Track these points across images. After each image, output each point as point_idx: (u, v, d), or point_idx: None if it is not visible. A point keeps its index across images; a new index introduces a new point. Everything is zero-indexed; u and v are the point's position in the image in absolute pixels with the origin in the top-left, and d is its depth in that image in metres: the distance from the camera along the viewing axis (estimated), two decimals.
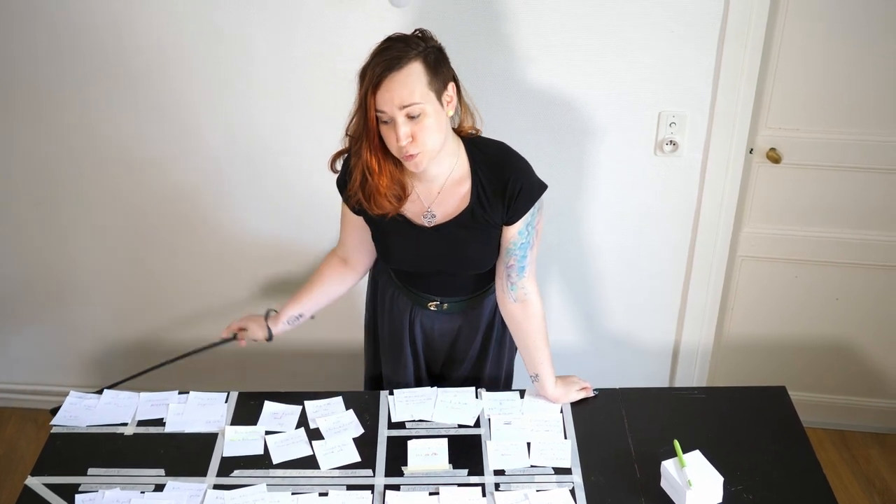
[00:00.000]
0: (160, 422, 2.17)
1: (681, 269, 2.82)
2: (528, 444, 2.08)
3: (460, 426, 2.14)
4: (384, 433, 2.12)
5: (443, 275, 2.15)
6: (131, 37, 2.54)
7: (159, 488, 1.99)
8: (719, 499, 1.92)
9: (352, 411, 2.18)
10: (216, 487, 1.99)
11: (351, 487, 1.99)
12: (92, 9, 2.50)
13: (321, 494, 1.97)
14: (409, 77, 1.81)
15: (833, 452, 3.07)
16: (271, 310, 2.29)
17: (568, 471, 2.02)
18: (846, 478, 2.98)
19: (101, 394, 2.24)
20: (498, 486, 1.98)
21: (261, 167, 2.73)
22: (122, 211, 2.88)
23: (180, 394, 2.24)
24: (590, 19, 2.41)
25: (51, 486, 2.00)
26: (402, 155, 1.89)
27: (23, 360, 3.25)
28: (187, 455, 2.08)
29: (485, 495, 1.96)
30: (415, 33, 1.89)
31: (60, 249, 2.97)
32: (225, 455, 2.07)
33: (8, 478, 3.04)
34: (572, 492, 1.96)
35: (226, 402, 2.22)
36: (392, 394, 2.23)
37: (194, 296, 3.04)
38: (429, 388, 2.23)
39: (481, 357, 2.31)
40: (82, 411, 2.20)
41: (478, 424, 2.14)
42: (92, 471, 2.04)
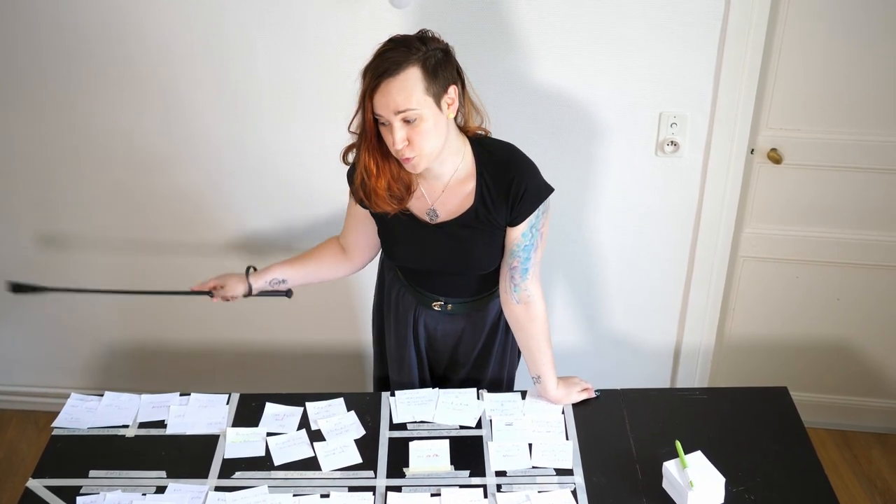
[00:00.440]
0: (161, 424, 2.17)
1: (682, 269, 2.82)
2: (530, 445, 2.08)
3: (462, 427, 2.14)
4: (385, 434, 2.12)
5: (447, 275, 2.14)
6: (135, 38, 2.53)
7: (160, 490, 1.99)
8: (721, 499, 1.92)
9: (353, 413, 2.18)
10: (217, 489, 1.99)
11: (352, 489, 1.98)
12: (96, 9, 2.50)
13: (323, 496, 1.97)
14: (406, 83, 1.80)
15: (834, 453, 3.07)
16: (251, 267, 2.24)
17: (569, 472, 2.02)
18: (847, 478, 2.98)
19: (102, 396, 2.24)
20: (499, 487, 1.98)
21: (263, 168, 2.73)
22: (123, 212, 2.87)
23: (181, 396, 2.23)
24: (590, 20, 2.41)
25: (52, 489, 2.00)
26: (399, 158, 1.90)
27: (23, 363, 3.25)
28: (188, 457, 2.08)
29: (486, 496, 1.96)
30: (417, 35, 1.88)
31: (62, 250, 2.97)
32: (226, 457, 2.07)
33: (9, 480, 3.04)
34: (574, 493, 1.96)
35: (227, 403, 2.22)
36: (393, 395, 2.23)
37: (197, 299, 3.03)
38: (430, 390, 2.23)
39: (484, 360, 2.31)
40: (83, 413, 2.19)
41: (479, 426, 2.14)
42: (93, 473, 2.04)
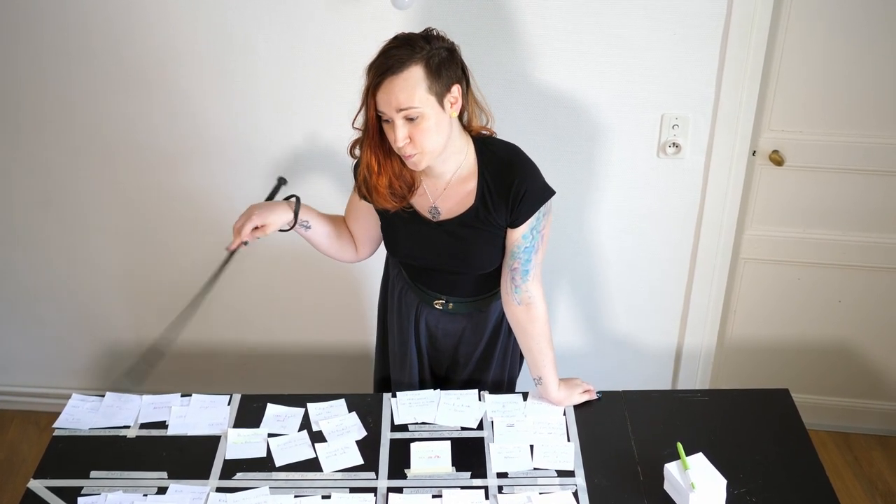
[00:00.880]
0: (163, 424, 2.17)
1: (683, 271, 2.82)
2: (531, 447, 2.08)
3: (463, 429, 2.14)
4: (387, 436, 2.12)
5: (448, 273, 2.15)
6: (139, 37, 2.54)
7: (162, 491, 1.99)
8: (722, 501, 1.92)
9: (354, 414, 2.18)
10: (219, 490, 1.99)
11: (354, 490, 1.98)
12: (101, 9, 2.50)
13: (324, 497, 1.96)
14: (408, 81, 1.81)
15: (836, 455, 3.07)
16: (296, 197, 2.13)
17: (571, 473, 2.01)
18: (849, 480, 2.98)
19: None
20: (501, 488, 1.98)
21: (266, 167, 2.73)
22: (125, 213, 2.88)
23: (183, 396, 2.23)
24: (593, 22, 2.41)
25: (53, 489, 2.00)
26: (401, 155, 1.91)
27: (25, 363, 3.25)
28: (190, 458, 2.08)
29: (488, 498, 1.95)
30: (422, 34, 1.88)
31: (63, 251, 2.97)
32: (227, 458, 2.07)
33: (10, 481, 3.04)
34: (575, 494, 1.96)
35: (228, 404, 2.22)
36: (395, 396, 2.22)
37: (200, 297, 3.03)
38: (431, 391, 2.23)
39: (486, 362, 2.31)
40: (85, 414, 2.19)
41: (481, 427, 2.14)
42: (94, 474, 2.03)
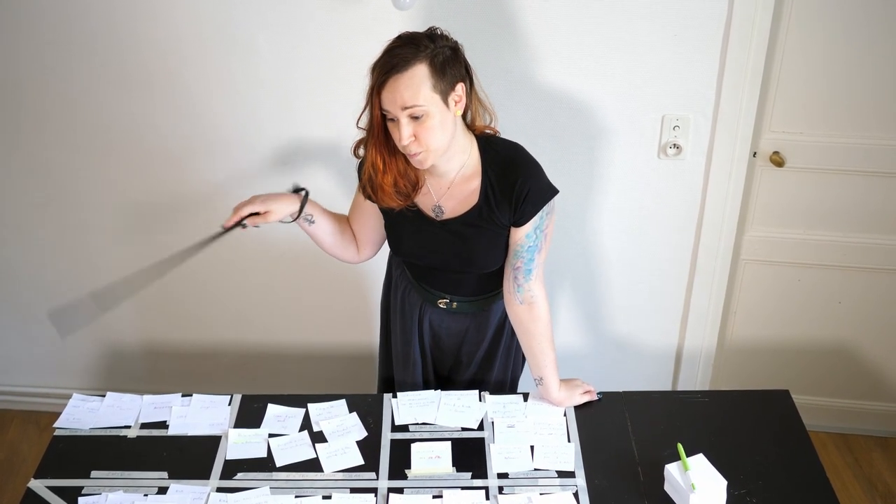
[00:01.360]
0: (163, 424, 2.17)
1: (684, 272, 2.82)
2: (532, 448, 2.08)
3: (464, 429, 2.14)
4: (387, 436, 2.12)
5: (451, 272, 2.15)
6: (142, 38, 2.54)
7: (162, 491, 1.99)
8: (723, 502, 1.92)
9: (355, 414, 2.18)
10: (219, 490, 1.99)
11: (354, 490, 1.98)
12: (104, 9, 2.50)
13: (324, 497, 1.97)
14: (413, 79, 1.82)
15: (836, 456, 3.07)
16: (305, 190, 2.12)
17: (571, 474, 2.02)
18: (849, 481, 2.98)
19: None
20: (501, 489, 1.98)
21: (268, 167, 2.73)
22: (126, 212, 2.88)
23: (183, 396, 2.23)
24: (594, 23, 2.41)
25: (54, 489, 2.00)
26: (406, 153, 1.91)
27: (25, 363, 3.25)
28: (190, 458, 2.08)
29: (488, 498, 1.95)
30: (426, 32, 1.89)
31: (64, 251, 2.97)
32: (228, 458, 2.07)
33: (10, 481, 3.04)
34: (576, 495, 1.96)
35: (229, 404, 2.22)
36: (395, 397, 2.23)
37: (199, 299, 3.04)
38: (432, 392, 2.23)
39: (488, 362, 2.31)
40: (85, 414, 2.19)
41: (481, 427, 2.14)
42: (95, 473, 2.04)
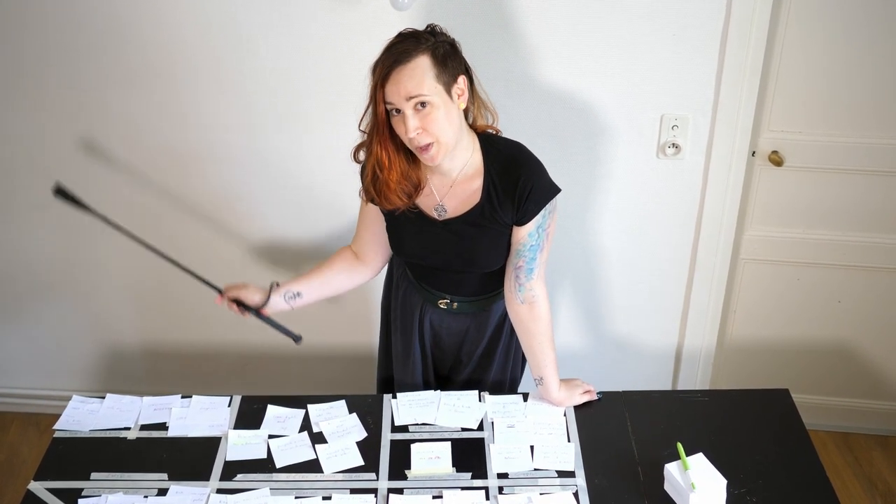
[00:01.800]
0: (163, 426, 2.17)
1: (683, 271, 2.82)
2: (532, 448, 2.08)
3: (463, 429, 2.14)
4: (387, 437, 2.12)
5: (453, 272, 2.15)
6: (143, 40, 2.54)
7: (162, 492, 1.99)
8: (723, 501, 1.92)
9: (355, 415, 2.18)
10: (219, 492, 1.99)
11: (354, 491, 1.98)
12: (108, 11, 2.50)
13: (325, 498, 1.97)
14: (416, 69, 1.84)
15: (836, 455, 3.07)
16: (275, 283, 2.24)
17: (571, 474, 2.02)
18: (849, 480, 2.98)
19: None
20: (501, 489, 1.98)
21: (269, 170, 2.73)
22: (127, 214, 2.86)
23: (183, 398, 2.23)
24: (592, 22, 2.41)
25: (53, 491, 2.00)
26: (415, 147, 1.91)
27: (25, 365, 3.25)
28: (190, 459, 2.08)
29: (488, 498, 1.96)
30: (426, 29, 1.92)
31: (64, 253, 2.97)
32: (228, 459, 2.07)
33: (10, 483, 3.03)
34: (576, 495, 1.96)
35: (229, 406, 2.22)
36: (395, 397, 2.23)
37: (199, 299, 3.03)
38: (432, 392, 2.23)
39: (487, 361, 2.31)
40: (85, 416, 2.20)
41: (481, 428, 2.14)
42: (95, 475, 2.04)
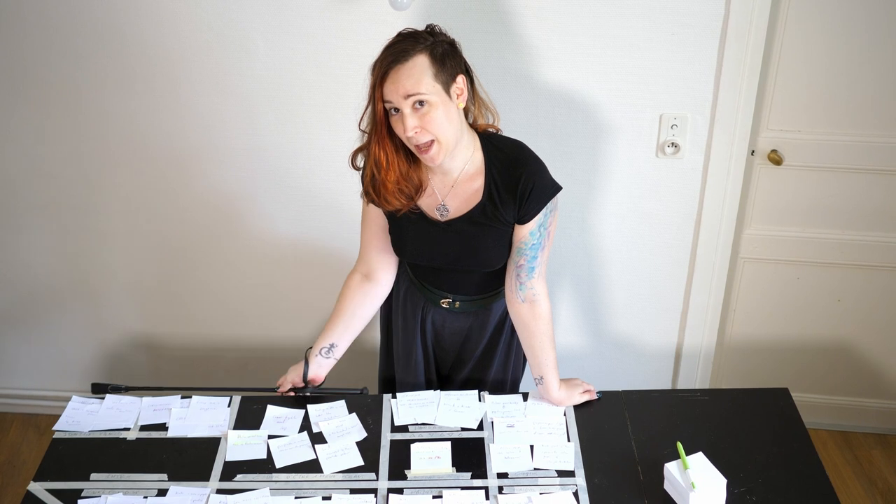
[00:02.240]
0: (163, 426, 2.17)
1: (683, 271, 2.82)
2: (532, 447, 2.08)
3: (463, 429, 2.14)
4: (387, 437, 2.12)
5: (455, 272, 2.15)
6: (143, 40, 2.54)
7: (162, 493, 1.99)
8: (722, 501, 1.92)
9: (355, 415, 2.18)
10: (219, 492, 1.99)
11: (354, 491, 1.98)
12: (108, 14, 2.50)
13: (324, 498, 1.96)
14: (414, 68, 1.84)
15: (836, 453, 3.07)
16: (308, 349, 2.25)
17: (571, 473, 2.02)
18: (849, 479, 2.98)
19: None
20: (501, 489, 1.98)
21: (269, 170, 2.74)
22: (128, 215, 2.88)
23: (183, 398, 2.23)
24: (591, 22, 2.41)
25: (53, 492, 2.00)
26: (414, 146, 1.91)
27: (25, 366, 3.25)
28: (190, 460, 2.08)
29: (488, 498, 1.95)
30: (425, 29, 1.93)
31: (64, 256, 2.97)
32: (228, 459, 2.07)
33: (10, 483, 3.03)
34: (575, 494, 1.96)
35: (228, 406, 2.22)
36: (395, 397, 2.23)
37: (199, 299, 3.04)
38: (431, 392, 2.23)
39: (487, 360, 2.31)
40: (85, 416, 2.19)
41: (481, 427, 2.14)
42: (95, 476, 2.03)
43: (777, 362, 3.04)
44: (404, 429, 2.15)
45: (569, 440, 2.10)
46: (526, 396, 2.22)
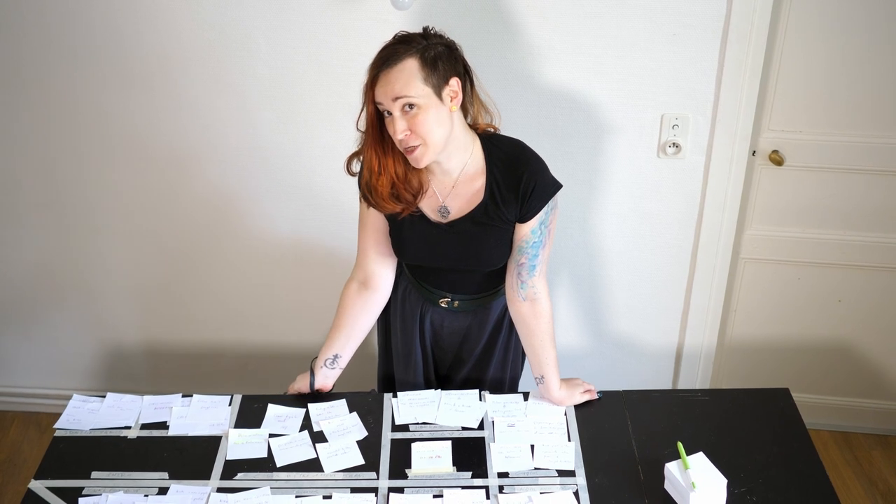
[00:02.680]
0: (163, 425, 2.17)
1: (683, 271, 2.82)
2: (532, 447, 2.08)
3: (464, 429, 2.14)
4: (388, 436, 2.12)
5: (455, 272, 2.15)
6: (143, 40, 2.54)
7: (163, 491, 1.99)
8: (723, 501, 1.92)
9: (355, 414, 2.18)
10: (220, 490, 1.99)
11: (355, 490, 1.99)
12: (107, 13, 2.50)
13: (325, 497, 1.97)
14: (403, 72, 1.85)
15: (836, 454, 3.07)
16: (312, 360, 2.27)
17: (571, 473, 2.02)
18: (849, 479, 2.98)
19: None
20: (502, 488, 1.98)
21: (269, 170, 2.74)
22: (128, 214, 2.88)
23: (183, 397, 2.23)
24: (592, 22, 2.42)
25: (54, 490, 2.00)
26: (403, 148, 1.92)
27: (25, 364, 3.25)
28: (191, 458, 2.08)
29: (489, 498, 1.96)
30: (420, 32, 1.92)
31: (64, 254, 2.97)
32: (228, 458, 2.07)
33: (11, 481, 3.04)
34: (576, 494, 1.96)
35: (229, 405, 2.22)
36: (395, 396, 2.23)
37: (199, 299, 3.04)
38: (432, 391, 2.23)
39: (486, 359, 2.31)
40: (85, 415, 2.19)
41: (481, 427, 2.14)
42: (95, 474, 2.04)
43: (777, 362, 3.04)
44: (405, 428, 2.15)
45: (569, 440, 2.10)
46: (526, 396, 2.22)
